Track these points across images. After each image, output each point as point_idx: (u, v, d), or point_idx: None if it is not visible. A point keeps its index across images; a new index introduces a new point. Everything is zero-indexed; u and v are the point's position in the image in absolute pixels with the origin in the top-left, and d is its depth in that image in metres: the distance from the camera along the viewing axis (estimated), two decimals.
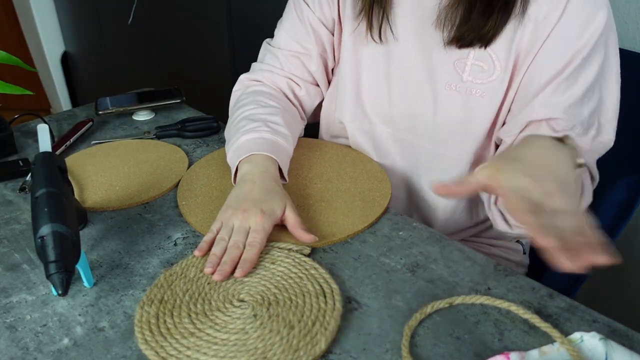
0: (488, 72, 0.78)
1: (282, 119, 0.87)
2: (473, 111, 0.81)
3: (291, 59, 0.93)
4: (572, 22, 0.72)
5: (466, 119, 0.82)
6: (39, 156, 0.70)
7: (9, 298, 0.66)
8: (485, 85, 0.79)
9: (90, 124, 1.06)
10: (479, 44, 0.77)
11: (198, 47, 1.74)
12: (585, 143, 0.75)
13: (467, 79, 0.80)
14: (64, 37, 2.55)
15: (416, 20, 0.82)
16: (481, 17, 0.74)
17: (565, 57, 0.73)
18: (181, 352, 0.58)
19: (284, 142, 0.84)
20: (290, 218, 0.74)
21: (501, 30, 0.75)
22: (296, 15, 0.92)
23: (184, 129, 1.03)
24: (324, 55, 0.94)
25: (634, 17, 1.13)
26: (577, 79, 0.73)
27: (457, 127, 0.83)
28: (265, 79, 0.95)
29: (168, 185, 0.87)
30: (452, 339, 0.59)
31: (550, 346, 0.57)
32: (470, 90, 0.80)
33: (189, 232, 0.77)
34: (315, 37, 0.91)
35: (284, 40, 0.93)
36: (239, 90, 0.97)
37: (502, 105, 0.80)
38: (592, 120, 0.75)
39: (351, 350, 0.58)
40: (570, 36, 0.72)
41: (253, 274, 0.68)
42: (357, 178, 0.87)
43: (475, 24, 0.75)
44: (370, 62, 0.88)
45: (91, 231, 0.78)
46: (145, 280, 0.69)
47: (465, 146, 0.84)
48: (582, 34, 0.72)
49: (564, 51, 0.73)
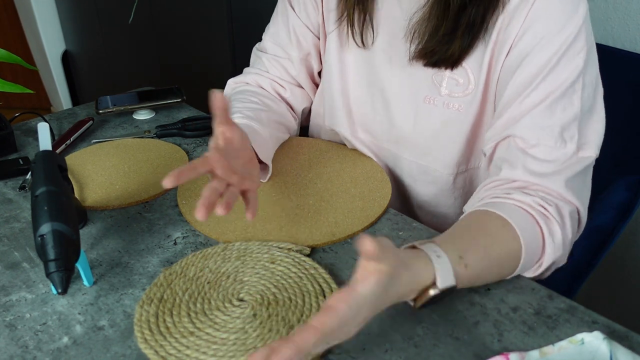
0: (463, 85, 0.77)
1: (258, 109, 0.88)
2: (451, 125, 0.80)
3: (274, 63, 0.95)
4: (545, 24, 0.69)
5: (444, 132, 0.81)
6: (39, 155, 0.70)
7: (9, 296, 0.66)
8: (461, 99, 0.78)
9: (90, 122, 1.06)
10: (444, 66, 0.77)
11: (199, 46, 1.74)
12: (562, 156, 0.69)
13: (444, 92, 0.79)
14: (64, 36, 2.55)
15: (391, 31, 0.82)
16: (446, 38, 0.74)
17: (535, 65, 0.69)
18: (180, 351, 0.58)
19: (258, 126, 0.83)
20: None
21: (467, 54, 0.75)
22: (281, 20, 0.93)
23: (184, 128, 1.03)
24: (308, 60, 0.94)
25: (635, 17, 1.13)
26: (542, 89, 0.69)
27: (435, 140, 0.83)
28: (251, 80, 0.96)
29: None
30: (451, 339, 0.59)
31: (550, 347, 0.57)
32: (447, 104, 0.79)
33: (188, 232, 0.77)
34: (298, 42, 0.92)
35: (268, 45, 0.95)
36: (227, 92, 0.99)
37: (481, 118, 0.79)
38: (570, 132, 0.69)
39: (351, 350, 0.58)
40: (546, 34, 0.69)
41: (253, 273, 0.68)
42: (357, 178, 0.87)
43: (439, 45, 0.75)
44: (353, 68, 0.88)
45: (91, 230, 0.78)
46: (145, 279, 0.69)
47: (446, 158, 0.83)
48: (561, 29, 0.68)
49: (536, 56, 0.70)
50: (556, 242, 0.66)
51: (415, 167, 0.87)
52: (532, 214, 0.66)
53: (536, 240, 0.66)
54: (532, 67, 0.70)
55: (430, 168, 0.86)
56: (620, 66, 0.93)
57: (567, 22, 0.68)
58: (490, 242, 0.64)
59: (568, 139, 0.69)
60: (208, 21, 1.64)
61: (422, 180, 0.88)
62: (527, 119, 0.70)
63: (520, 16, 0.70)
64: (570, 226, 0.68)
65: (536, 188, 0.69)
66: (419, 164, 0.87)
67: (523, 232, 0.64)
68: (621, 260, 1.30)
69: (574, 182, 0.69)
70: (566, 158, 0.69)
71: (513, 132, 0.71)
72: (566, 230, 0.67)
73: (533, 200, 0.67)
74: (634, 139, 0.91)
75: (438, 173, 0.85)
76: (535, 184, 0.69)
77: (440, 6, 0.73)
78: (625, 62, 0.93)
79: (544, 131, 0.69)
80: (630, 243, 1.26)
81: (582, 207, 0.70)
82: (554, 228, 0.66)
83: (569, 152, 0.69)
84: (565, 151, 0.69)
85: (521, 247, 0.64)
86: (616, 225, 0.87)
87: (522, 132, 0.70)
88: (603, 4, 1.16)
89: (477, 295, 0.65)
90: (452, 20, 0.72)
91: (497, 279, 0.66)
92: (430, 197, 0.89)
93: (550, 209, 0.66)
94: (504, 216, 0.65)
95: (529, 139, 0.70)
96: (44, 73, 2.69)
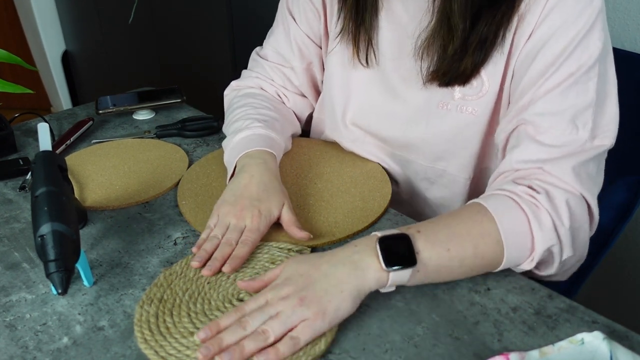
0: (477, 88, 0.76)
1: (273, 116, 0.88)
2: (465, 129, 0.79)
3: (277, 72, 0.94)
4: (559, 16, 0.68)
5: (459, 137, 0.80)
6: (39, 155, 0.70)
7: (9, 297, 0.66)
8: (475, 102, 0.77)
9: (90, 123, 1.06)
10: (458, 83, 0.76)
11: (199, 46, 1.74)
12: (573, 142, 0.67)
13: (457, 96, 0.78)
14: (64, 36, 2.55)
15: (399, 50, 0.81)
16: (457, 57, 0.73)
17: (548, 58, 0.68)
18: (180, 351, 0.58)
19: (276, 136, 0.84)
20: (286, 217, 0.74)
21: (482, 67, 0.74)
22: (283, 29, 0.92)
23: (184, 128, 1.03)
24: (311, 69, 0.94)
25: (635, 17, 1.13)
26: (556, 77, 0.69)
27: (449, 144, 0.82)
28: (255, 84, 0.96)
29: (168, 184, 0.87)
30: (451, 339, 0.59)
31: (550, 347, 0.56)
32: (461, 108, 0.78)
33: (188, 232, 0.77)
34: (300, 52, 0.92)
35: (270, 53, 0.95)
36: (231, 94, 0.98)
37: (495, 119, 0.78)
38: (584, 119, 0.68)
39: (350, 351, 0.58)
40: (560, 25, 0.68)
41: (252, 274, 0.68)
42: (357, 178, 0.87)
43: (450, 65, 0.74)
44: (359, 80, 0.87)
45: (91, 230, 0.78)
46: (145, 279, 0.69)
47: (461, 161, 0.82)
48: (575, 20, 0.67)
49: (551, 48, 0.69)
50: (545, 228, 0.64)
51: (431, 171, 0.86)
52: (516, 201, 0.65)
53: (520, 225, 0.64)
54: (548, 56, 0.68)
55: (446, 172, 0.85)
56: (620, 66, 0.93)
57: (583, 10, 0.67)
58: (455, 221, 0.65)
59: (581, 126, 0.67)
60: (208, 21, 1.64)
61: (438, 184, 0.87)
62: (539, 104, 0.69)
63: (536, 10, 0.68)
64: (568, 214, 0.65)
65: (536, 174, 0.67)
66: (433, 168, 0.85)
67: (499, 215, 0.64)
68: (621, 260, 1.30)
69: (584, 168, 0.67)
70: (577, 144, 0.67)
71: (524, 118, 0.70)
72: (560, 218, 0.65)
73: (521, 190, 0.66)
74: (634, 139, 0.91)
75: (453, 177, 0.84)
76: (538, 168, 0.67)
77: (445, 26, 0.72)
78: (625, 62, 0.93)
79: (555, 117, 0.68)
80: (630, 243, 1.26)
81: (590, 195, 0.68)
82: (541, 214, 0.64)
83: (581, 138, 0.67)
84: (576, 137, 0.67)
85: (498, 229, 0.63)
86: (616, 225, 0.87)
87: (533, 118, 0.69)
88: None
89: (477, 295, 0.65)
90: (460, 39, 0.71)
91: (481, 262, 0.64)
92: (444, 200, 0.88)
93: (539, 197, 0.65)
94: (481, 202, 0.66)
95: (540, 125, 0.68)
96: (44, 73, 2.69)
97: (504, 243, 0.63)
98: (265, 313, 0.58)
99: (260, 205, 0.73)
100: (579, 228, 0.67)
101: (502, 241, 0.63)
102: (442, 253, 0.62)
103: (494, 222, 0.64)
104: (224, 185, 0.84)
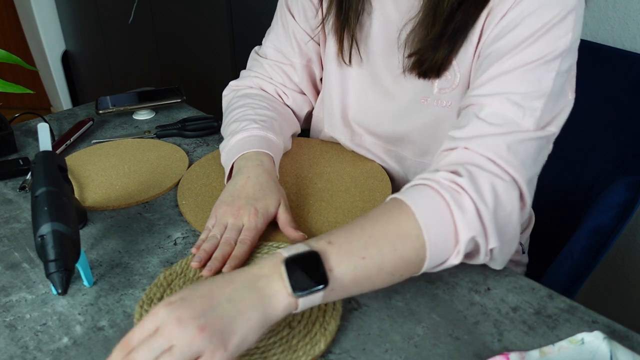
0: (451, 80, 0.77)
1: (271, 117, 0.87)
2: (443, 122, 0.80)
3: (276, 69, 0.94)
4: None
5: (437, 130, 0.81)
6: (39, 155, 0.70)
7: (9, 297, 0.66)
8: (449, 94, 0.78)
9: (90, 123, 1.06)
10: (431, 75, 0.76)
11: (199, 46, 1.74)
12: (514, 124, 0.64)
13: (436, 90, 0.79)
14: (64, 36, 2.55)
15: (387, 42, 0.81)
16: (433, 43, 0.73)
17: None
18: None
19: (274, 137, 0.84)
20: (282, 216, 0.74)
21: (452, 58, 0.74)
22: (282, 25, 0.93)
23: (184, 128, 1.03)
24: (310, 66, 0.94)
25: (635, 17, 1.13)
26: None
27: (431, 139, 0.83)
28: (254, 84, 0.96)
29: (168, 184, 0.87)
30: (451, 339, 0.59)
31: (551, 347, 0.57)
32: (438, 102, 0.79)
33: (188, 232, 0.77)
34: (300, 49, 0.92)
35: (269, 50, 0.94)
36: (229, 94, 0.98)
37: None
38: (533, 105, 0.65)
39: (351, 350, 0.58)
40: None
41: None
42: (357, 178, 0.87)
43: (426, 52, 0.74)
44: (355, 76, 0.88)
45: (91, 230, 0.78)
46: (145, 279, 0.69)
47: None
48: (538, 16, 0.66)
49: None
50: (467, 215, 0.59)
51: (420, 165, 0.87)
52: (436, 189, 0.61)
53: (440, 214, 0.60)
54: (512, 40, 0.67)
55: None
56: (620, 66, 0.93)
57: (556, 4, 0.66)
58: (370, 222, 0.60)
59: (529, 113, 0.64)
60: (208, 21, 1.64)
61: None
62: (490, 85, 0.67)
63: (508, 1, 0.67)
64: (492, 196, 0.60)
65: (465, 155, 0.64)
66: (422, 162, 0.86)
67: (418, 207, 0.60)
68: (621, 260, 1.30)
69: (522, 147, 0.64)
70: (519, 127, 0.64)
71: (474, 97, 0.68)
72: (484, 199, 0.60)
73: (442, 176, 0.62)
74: (634, 139, 0.91)
75: None
76: (471, 145, 0.64)
77: (430, 17, 0.72)
78: (626, 62, 0.93)
79: (502, 97, 0.65)
80: (630, 243, 1.26)
81: (522, 178, 0.63)
82: (462, 199, 0.60)
83: (525, 123, 0.64)
84: (520, 121, 0.64)
85: (418, 223, 0.59)
86: (616, 225, 0.87)
87: (481, 99, 0.67)
88: (603, 3, 1.16)
89: (477, 295, 0.65)
90: (440, 25, 0.72)
91: (402, 263, 0.59)
92: None
93: (460, 180, 0.61)
94: (398, 196, 0.62)
95: (485, 104, 0.66)
96: (44, 73, 2.69)
97: (424, 237, 0.59)
98: (156, 348, 0.49)
99: (257, 203, 0.73)
100: (509, 214, 0.62)
101: (422, 236, 0.59)
102: (358, 262, 0.57)
103: (412, 216, 0.59)
104: (224, 185, 0.84)
